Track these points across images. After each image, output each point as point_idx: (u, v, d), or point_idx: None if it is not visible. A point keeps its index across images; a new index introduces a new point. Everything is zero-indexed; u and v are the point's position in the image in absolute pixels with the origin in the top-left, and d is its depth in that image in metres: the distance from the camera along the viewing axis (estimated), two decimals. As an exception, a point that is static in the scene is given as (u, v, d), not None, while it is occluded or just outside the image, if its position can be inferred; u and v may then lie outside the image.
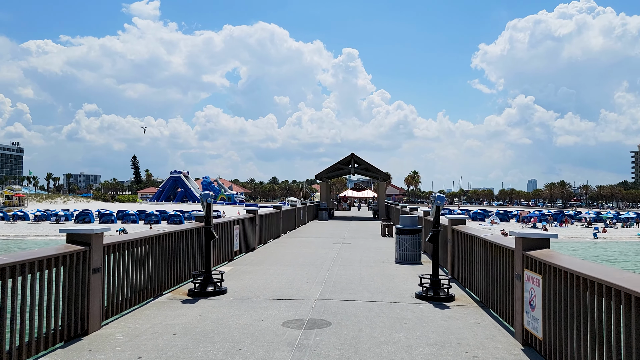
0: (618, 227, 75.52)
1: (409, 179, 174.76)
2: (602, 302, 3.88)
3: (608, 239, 61.43)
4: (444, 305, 7.62)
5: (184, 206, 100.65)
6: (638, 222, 78.61)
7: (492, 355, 5.26)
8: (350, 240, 18.60)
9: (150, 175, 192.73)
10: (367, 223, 30.23)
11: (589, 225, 76.47)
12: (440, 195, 8.64)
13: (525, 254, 5.57)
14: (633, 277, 3.75)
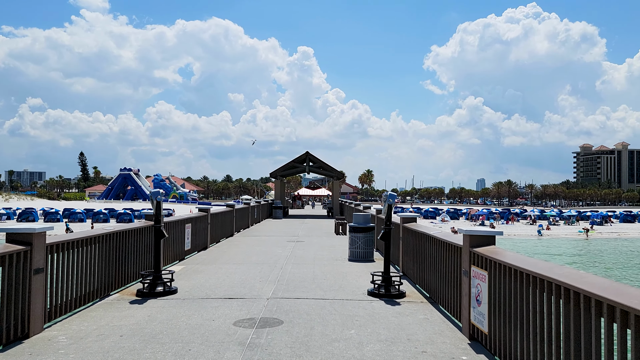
0: (561, 225, 78.92)
1: (363, 177, 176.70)
2: (544, 296, 4.04)
3: (551, 236, 64.11)
4: (395, 302, 7.75)
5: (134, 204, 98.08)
6: (579, 220, 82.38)
7: (440, 350, 5.38)
8: (304, 238, 18.62)
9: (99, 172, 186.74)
10: (321, 221, 30.34)
11: (533, 222, 79.54)
12: (392, 194, 8.77)
13: (472, 251, 5.72)
14: (572, 272, 3.92)
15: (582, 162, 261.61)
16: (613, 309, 3.08)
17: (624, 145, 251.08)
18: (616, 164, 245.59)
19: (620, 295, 3.09)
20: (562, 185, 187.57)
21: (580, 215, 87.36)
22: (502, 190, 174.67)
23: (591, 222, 78.84)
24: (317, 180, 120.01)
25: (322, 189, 74.96)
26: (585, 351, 3.39)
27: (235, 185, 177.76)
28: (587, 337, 3.37)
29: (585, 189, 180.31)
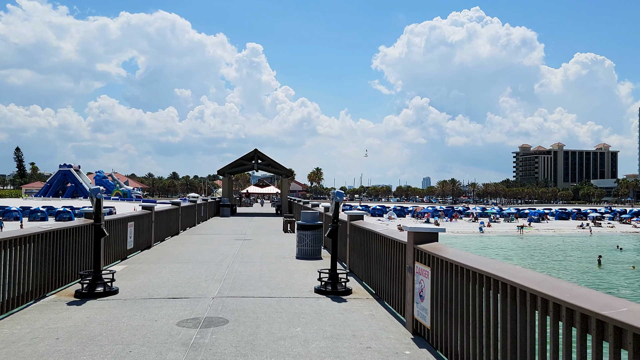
0: (501, 222, 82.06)
1: (312, 175, 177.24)
2: (483, 291, 4.17)
3: (492, 232, 66.55)
4: (341, 299, 7.80)
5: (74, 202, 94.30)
6: (518, 217, 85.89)
7: (384, 345, 5.46)
8: (252, 236, 18.47)
9: (37, 168, 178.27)
10: (269, 219, 30.19)
11: (475, 220, 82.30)
12: (339, 192, 8.83)
13: (416, 248, 5.84)
14: (509, 268, 4.07)
15: (521, 161, 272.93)
16: (546, 302, 3.21)
17: (560, 146, 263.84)
18: (552, 164, 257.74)
19: (553, 289, 3.22)
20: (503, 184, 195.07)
21: (519, 212, 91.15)
22: (446, 189, 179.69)
23: (529, 220, 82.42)
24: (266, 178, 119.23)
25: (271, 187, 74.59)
26: (520, 343, 3.52)
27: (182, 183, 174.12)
28: (523, 330, 3.50)
29: (524, 188, 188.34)
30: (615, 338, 2.54)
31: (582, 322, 2.82)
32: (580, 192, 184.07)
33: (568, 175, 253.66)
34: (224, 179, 38.87)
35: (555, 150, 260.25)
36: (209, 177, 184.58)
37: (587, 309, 2.75)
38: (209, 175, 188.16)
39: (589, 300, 2.86)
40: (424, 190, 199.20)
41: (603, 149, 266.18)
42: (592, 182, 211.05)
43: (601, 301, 2.83)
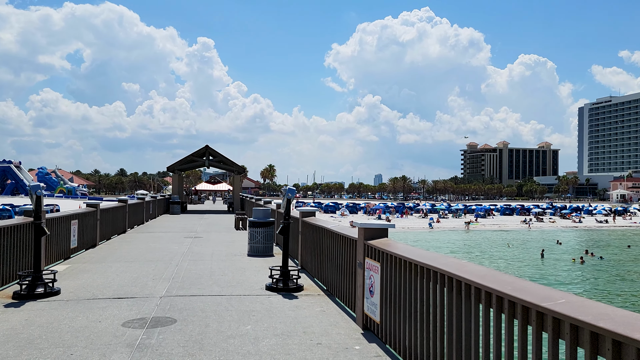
0: (449, 218, 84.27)
1: (265, 172, 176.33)
2: (430, 285, 4.25)
3: (441, 228, 68.24)
4: (293, 296, 7.78)
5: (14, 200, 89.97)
6: (465, 213, 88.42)
7: (334, 341, 5.48)
8: (202, 234, 18.17)
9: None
10: (221, 216, 29.81)
11: (425, 216, 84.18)
12: (291, 189, 8.81)
13: (366, 244, 5.88)
14: (455, 262, 4.16)
15: (469, 159, 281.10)
16: (490, 295, 3.30)
17: (505, 144, 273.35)
18: (498, 161, 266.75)
19: (496, 282, 3.32)
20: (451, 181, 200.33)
21: (466, 208, 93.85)
22: (397, 186, 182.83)
23: (476, 215, 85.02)
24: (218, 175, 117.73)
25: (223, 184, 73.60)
26: (465, 335, 3.60)
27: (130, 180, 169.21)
28: (467, 322, 3.59)
29: (471, 185, 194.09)
30: (554, 329, 2.63)
31: (523, 313, 2.91)
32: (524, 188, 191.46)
33: (512, 172, 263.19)
34: (174, 175, 38.05)
35: (501, 149, 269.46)
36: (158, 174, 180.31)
37: (528, 301, 2.84)
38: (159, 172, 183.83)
39: (529, 293, 2.96)
40: (375, 187, 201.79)
41: (545, 147, 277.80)
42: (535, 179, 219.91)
43: (541, 293, 2.92)
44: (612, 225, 79.57)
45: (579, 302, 2.68)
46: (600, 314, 2.44)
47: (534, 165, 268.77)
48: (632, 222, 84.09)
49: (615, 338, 2.20)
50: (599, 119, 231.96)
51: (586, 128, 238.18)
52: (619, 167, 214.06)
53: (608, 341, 2.25)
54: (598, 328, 2.29)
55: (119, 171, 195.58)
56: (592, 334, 2.35)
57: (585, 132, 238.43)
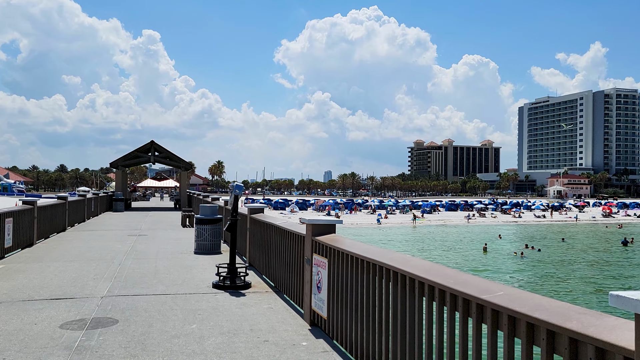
0: (397, 213, 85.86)
1: (213, 168, 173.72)
2: (376, 280, 4.29)
3: (389, 223, 69.44)
4: (240, 293, 7.69)
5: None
6: (412, 209, 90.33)
7: (281, 337, 5.46)
8: (147, 232, 17.68)
9: None
10: (167, 214, 29.12)
11: (374, 212, 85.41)
12: (239, 185, 8.70)
13: (314, 240, 5.89)
14: (400, 257, 4.22)
15: (416, 156, 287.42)
16: (433, 289, 3.37)
17: (450, 141, 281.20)
18: (443, 159, 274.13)
19: (439, 276, 3.38)
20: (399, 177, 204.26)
21: (413, 204, 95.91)
22: (346, 182, 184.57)
23: (422, 211, 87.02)
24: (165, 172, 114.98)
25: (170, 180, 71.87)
26: (410, 329, 3.66)
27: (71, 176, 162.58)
28: (412, 316, 3.65)
29: (418, 181, 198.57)
30: (493, 320, 2.71)
31: (464, 306, 2.98)
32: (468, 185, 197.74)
33: (457, 169, 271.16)
34: (117, 172, 36.84)
35: (446, 146, 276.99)
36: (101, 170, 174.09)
37: (469, 294, 2.91)
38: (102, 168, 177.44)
39: (470, 286, 3.03)
40: (325, 184, 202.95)
41: (487, 145, 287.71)
42: (478, 175, 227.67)
43: (481, 286, 3.00)
44: (549, 220, 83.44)
45: (517, 294, 2.77)
46: (536, 305, 2.52)
47: (477, 163, 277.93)
48: (568, 217, 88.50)
49: (549, 328, 2.28)
50: (537, 118, 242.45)
51: (525, 127, 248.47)
52: (555, 164, 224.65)
53: (543, 331, 2.33)
54: (534, 319, 2.37)
55: (59, 167, 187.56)
56: (528, 325, 2.44)
57: (525, 131, 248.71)
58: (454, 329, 3.11)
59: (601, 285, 29.07)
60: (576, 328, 2.13)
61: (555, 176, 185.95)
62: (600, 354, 2.02)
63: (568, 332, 2.16)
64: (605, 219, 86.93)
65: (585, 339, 2.07)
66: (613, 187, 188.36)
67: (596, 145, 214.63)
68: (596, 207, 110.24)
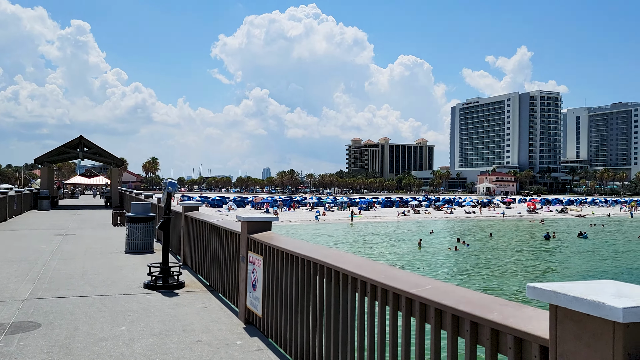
0: (335, 210, 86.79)
1: (147, 165, 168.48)
2: (311, 277, 4.30)
3: (327, 220, 70.07)
4: (173, 293, 7.50)
5: None
6: (350, 206, 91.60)
7: (215, 337, 5.37)
8: (75, 231, 16.89)
9: None
10: (97, 212, 27.94)
11: (312, 209, 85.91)
12: (172, 182, 8.48)
13: (249, 237, 5.83)
14: (334, 253, 4.25)
15: (353, 154, 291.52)
16: (365, 284, 3.42)
17: (386, 140, 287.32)
18: (380, 156, 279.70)
19: (371, 271, 3.44)
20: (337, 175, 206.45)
21: (351, 201, 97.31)
22: (285, 179, 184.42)
23: (359, 208, 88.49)
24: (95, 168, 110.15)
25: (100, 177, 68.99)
26: (343, 324, 3.70)
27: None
28: (345, 312, 3.69)
29: (356, 178, 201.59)
30: (421, 313, 2.79)
31: (395, 300, 3.05)
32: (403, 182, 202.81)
33: (393, 167, 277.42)
34: (43, 168, 34.95)
35: (383, 144, 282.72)
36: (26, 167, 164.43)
37: (399, 288, 2.97)
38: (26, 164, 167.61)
39: (400, 280, 3.10)
40: (264, 181, 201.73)
41: (422, 144, 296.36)
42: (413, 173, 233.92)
43: (411, 280, 3.08)
44: (478, 215, 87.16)
45: (444, 288, 2.86)
46: (461, 297, 2.61)
47: (412, 161, 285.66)
48: (495, 212, 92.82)
49: (472, 320, 2.37)
50: (468, 118, 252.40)
51: (457, 126, 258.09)
52: (485, 162, 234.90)
53: (467, 323, 2.42)
54: (458, 311, 2.46)
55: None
56: (454, 317, 2.52)
57: (457, 130, 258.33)
58: (384, 322, 3.17)
59: (524, 278, 30.70)
60: (497, 319, 2.23)
61: (484, 174, 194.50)
62: (519, 343, 2.12)
63: (490, 324, 2.25)
64: (530, 214, 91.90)
65: (506, 329, 2.16)
66: (537, 184, 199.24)
67: (522, 144, 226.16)
68: (521, 203, 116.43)
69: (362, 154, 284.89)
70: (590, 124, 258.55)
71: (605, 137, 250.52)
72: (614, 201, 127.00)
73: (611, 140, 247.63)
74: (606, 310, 1.59)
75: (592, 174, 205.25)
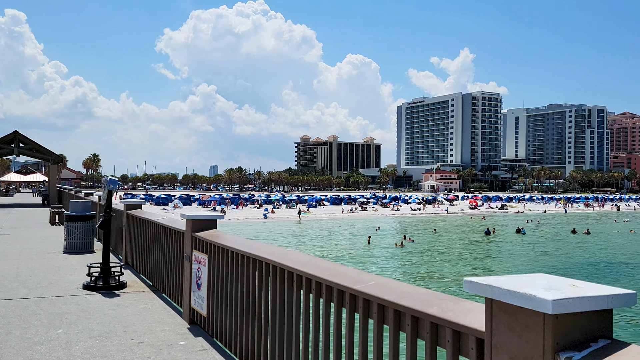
0: (283, 208, 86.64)
1: (88, 162, 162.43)
2: (256, 275, 4.27)
3: (275, 218, 69.85)
4: (114, 294, 7.26)
5: None
6: (298, 203, 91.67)
7: (158, 338, 5.24)
8: (9, 230, 16.05)
9: None
10: (34, 210, 26.66)
11: (260, 207, 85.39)
12: (113, 179, 8.20)
13: (194, 236, 5.72)
14: (280, 251, 4.24)
15: (302, 151, 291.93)
16: (310, 282, 3.42)
17: (335, 137, 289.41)
18: (329, 154, 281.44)
19: (316, 268, 3.45)
20: (286, 172, 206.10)
21: (299, 199, 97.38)
22: (233, 177, 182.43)
23: (308, 205, 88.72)
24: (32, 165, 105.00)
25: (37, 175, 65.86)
26: (288, 321, 3.69)
27: None
28: (290, 309, 3.68)
29: (304, 176, 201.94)
30: (365, 309, 2.82)
31: (339, 297, 3.07)
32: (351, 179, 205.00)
33: (342, 164, 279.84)
34: (-27, 164, 32.96)
35: (331, 142, 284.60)
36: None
37: (343, 285, 3.00)
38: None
39: (344, 277, 3.12)
40: (211, 179, 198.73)
41: (369, 142, 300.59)
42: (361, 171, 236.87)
43: (355, 277, 3.11)
44: (423, 212, 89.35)
45: (387, 283, 2.90)
46: (403, 292, 2.66)
47: (360, 158, 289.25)
48: (440, 209, 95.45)
49: (413, 314, 2.42)
50: (414, 117, 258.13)
51: (403, 125, 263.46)
52: (430, 161, 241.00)
53: (408, 317, 2.46)
54: (400, 306, 2.50)
55: None
56: (396, 312, 2.56)
57: (403, 129, 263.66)
58: (329, 319, 3.19)
59: (465, 272, 31.75)
60: (436, 313, 2.28)
61: (429, 172, 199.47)
62: (457, 336, 2.18)
63: (429, 317, 2.31)
64: (472, 211, 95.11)
65: (444, 322, 2.22)
66: (479, 182, 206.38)
67: (464, 143, 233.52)
68: (464, 200, 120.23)
69: (311, 151, 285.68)
70: (528, 124, 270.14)
71: (542, 136, 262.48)
72: (550, 198, 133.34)
73: (547, 139, 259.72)
74: (537, 302, 1.66)
75: (529, 172, 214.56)
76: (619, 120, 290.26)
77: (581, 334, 1.73)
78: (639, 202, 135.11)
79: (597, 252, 42.09)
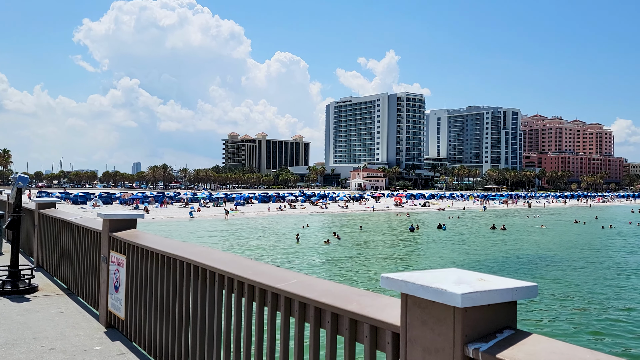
0: (210, 206, 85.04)
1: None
2: (177, 275, 4.15)
3: (202, 217, 68.44)
4: (24, 298, 6.81)
5: None
6: (226, 202, 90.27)
7: (71, 343, 4.96)
8: None
9: None
10: None
11: (186, 205, 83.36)
12: (22, 176, 7.69)
13: (112, 236, 5.48)
14: (202, 250, 4.14)
15: (230, 149, 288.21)
16: (232, 281, 3.37)
17: (263, 135, 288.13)
18: (257, 152, 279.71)
19: (239, 267, 3.40)
20: (213, 170, 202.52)
21: (227, 197, 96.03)
22: (157, 174, 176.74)
23: (236, 204, 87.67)
24: None
25: (-63, 170, 60.59)
26: (209, 322, 3.62)
27: None
28: (211, 309, 3.61)
29: (232, 174, 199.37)
30: (286, 307, 2.82)
31: (261, 296, 3.05)
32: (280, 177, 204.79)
33: (270, 162, 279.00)
34: None
35: (260, 140, 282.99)
36: None
37: (265, 284, 2.98)
38: None
39: (267, 276, 3.11)
40: (134, 176, 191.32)
41: (298, 140, 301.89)
42: (290, 168, 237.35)
43: (277, 275, 3.10)
44: (351, 209, 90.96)
45: (309, 281, 2.92)
46: (324, 290, 2.69)
47: (289, 156, 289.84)
48: (366, 207, 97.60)
49: (333, 311, 2.45)
50: (342, 116, 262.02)
51: (332, 124, 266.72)
52: (357, 159, 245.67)
53: (328, 314, 2.49)
54: (321, 303, 2.52)
55: None
56: (317, 309, 2.58)
57: (331, 127, 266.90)
58: (251, 318, 3.16)
59: (388, 267, 32.67)
60: (355, 309, 2.32)
61: (356, 170, 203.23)
62: (374, 332, 2.23)
63: (349, 314, 2.34)
64: (397, 208, 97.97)
65: (363, 318, 2.26)
66: (403, 180, 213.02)
67: (390, 142, 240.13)
68: (389, 198, 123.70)
69: (239, 149, 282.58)
70: (449, 125, 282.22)
71: (462, 137, 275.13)
72: (468, 195, 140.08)
73: (467, 140, 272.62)
74: (447, 296, 1.73)
75: (450, 171, 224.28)
76: (531, 123, 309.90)
77: (488, 326, 1.81)
78: (548, 199, 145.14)
79: (511, 246, 44.69)
